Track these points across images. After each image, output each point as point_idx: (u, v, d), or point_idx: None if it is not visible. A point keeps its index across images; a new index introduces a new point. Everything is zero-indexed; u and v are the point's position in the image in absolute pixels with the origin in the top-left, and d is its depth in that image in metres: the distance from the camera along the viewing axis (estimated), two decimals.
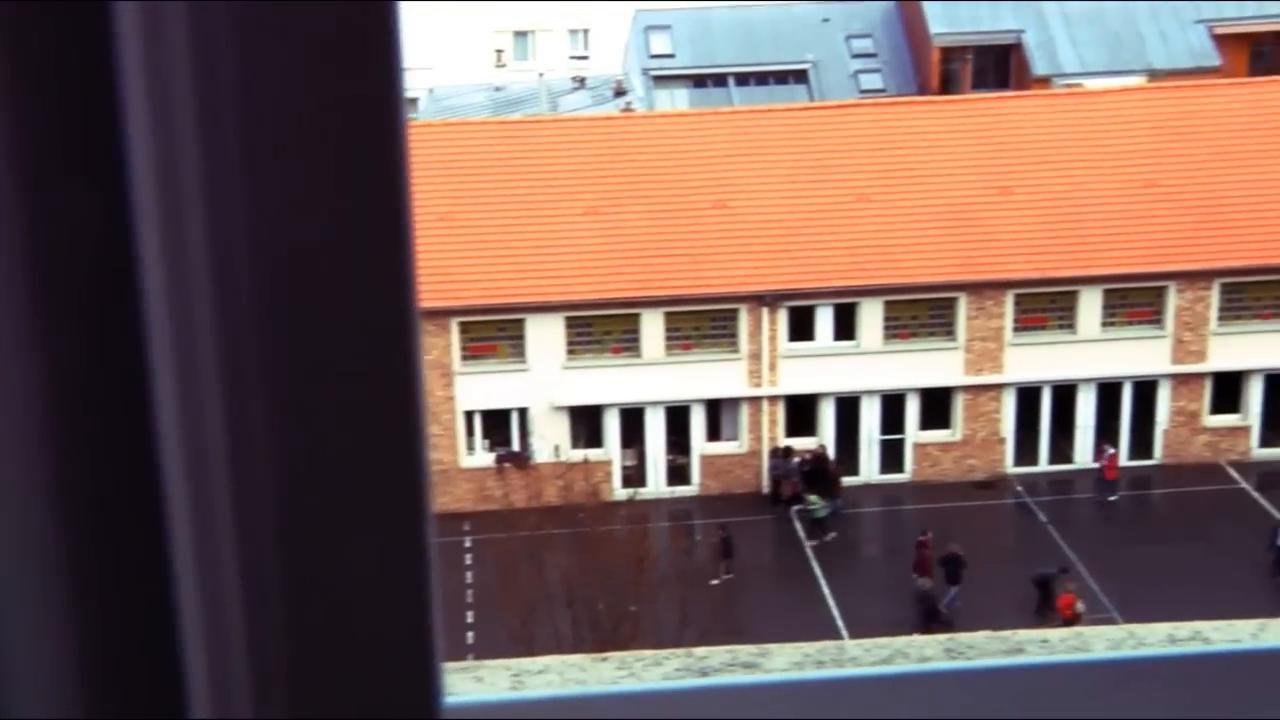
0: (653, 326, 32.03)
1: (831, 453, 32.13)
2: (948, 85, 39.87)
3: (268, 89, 0.71)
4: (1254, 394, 32.97)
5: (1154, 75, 38.73)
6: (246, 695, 0.72)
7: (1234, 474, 32.43)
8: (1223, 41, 39.95)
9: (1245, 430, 33.17)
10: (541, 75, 45.46)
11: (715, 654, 1.58)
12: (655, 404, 32.32)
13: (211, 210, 0.68)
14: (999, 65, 40.31)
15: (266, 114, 0.71)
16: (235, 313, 0.70)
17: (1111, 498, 31.70)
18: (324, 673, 0.75)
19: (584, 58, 49.93)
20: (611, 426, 32.45)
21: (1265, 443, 33.08)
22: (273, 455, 0.72)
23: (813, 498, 30.29)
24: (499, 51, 50.62)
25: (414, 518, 0.76)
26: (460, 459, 31.99)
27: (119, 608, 0.70)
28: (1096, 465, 32.09)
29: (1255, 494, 31.66)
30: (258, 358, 0.71)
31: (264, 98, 0.71)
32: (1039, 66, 39.40)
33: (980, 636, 1.66)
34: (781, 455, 31.94)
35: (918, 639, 1.66)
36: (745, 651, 1.59)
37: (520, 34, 50.84)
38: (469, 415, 32.15)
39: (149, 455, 0.69)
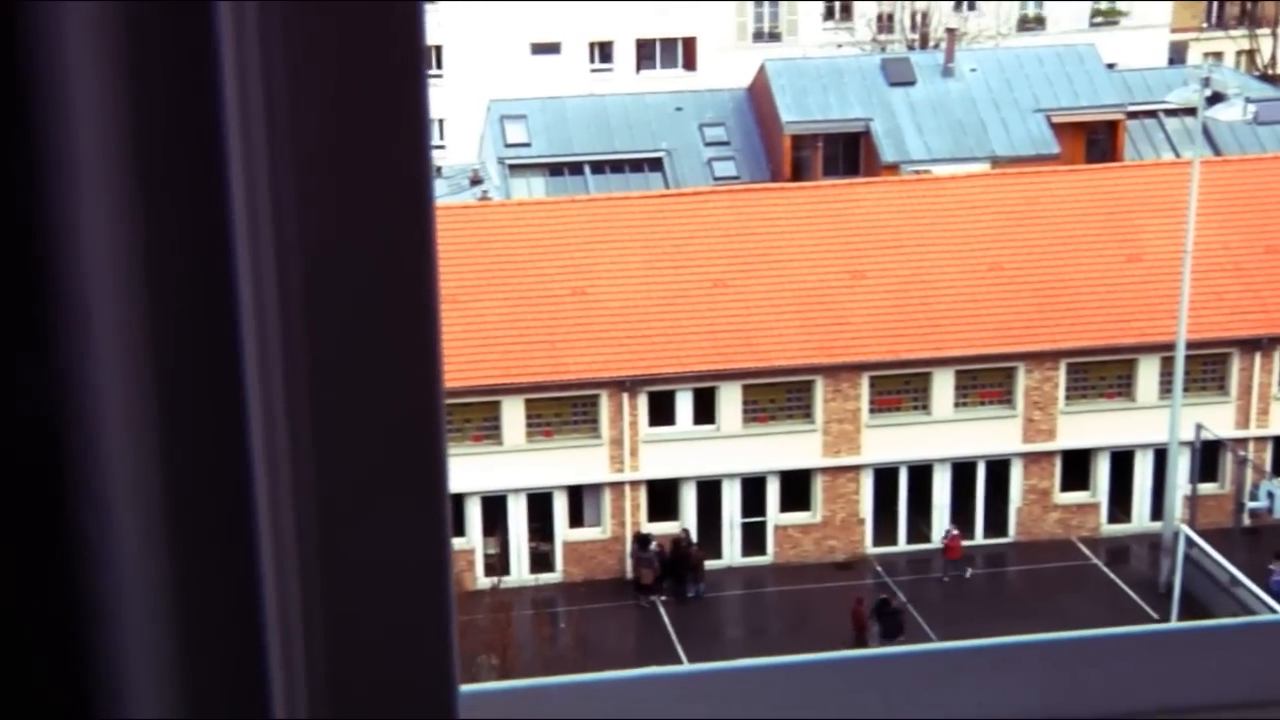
0: (513, 414, 31.97)
1: (694, 536, 32.23)
2: (799, 172, 40.62)
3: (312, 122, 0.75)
4: (1101, 471, 33.81)
5: (996, 162, 39.87)
6: (303, 695, 0.76)
7: (1085, 550, 33.16)
8: (1060, 130, 41.30)
9: (1094, 507, 33.97)
10: None
11: None
12: (517, 491, 32.19)
13: (277, 229, 0.73)
14: (849, 152, 41.19)
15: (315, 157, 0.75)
16: (292, 333, 0.74)
17: (966, 574, 32.20)
18: (356, 669, 0.79)
19: (439, 147, 50.01)
20: (473, 514, 32.24)
21: (1113, 519, 33.90)
22: (316, 472, 0.76)
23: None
24: None
25: (435, 519, 0.81)
26: None
27: (214, 614, 0.73)
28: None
29: (1105, 569, 32.40)
30: (304, 364, 0.75)
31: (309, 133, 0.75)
32: (887, 154, 40.34)
33: None
34: (638, 544, 31.98)
35: None
36: None
37: None
38: None
39: (238, 467, 0.72)
